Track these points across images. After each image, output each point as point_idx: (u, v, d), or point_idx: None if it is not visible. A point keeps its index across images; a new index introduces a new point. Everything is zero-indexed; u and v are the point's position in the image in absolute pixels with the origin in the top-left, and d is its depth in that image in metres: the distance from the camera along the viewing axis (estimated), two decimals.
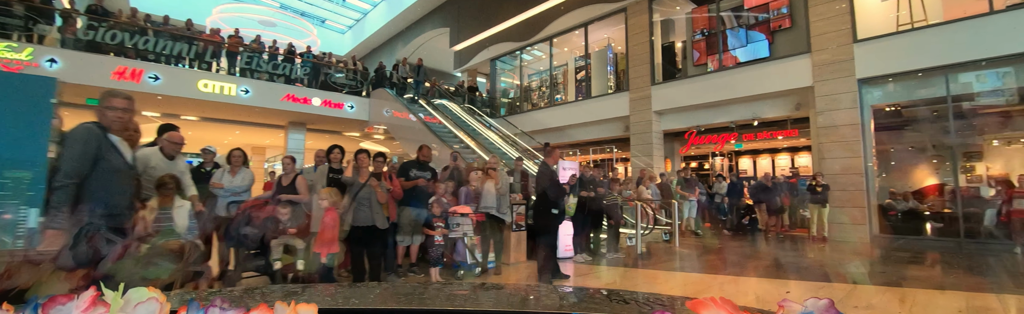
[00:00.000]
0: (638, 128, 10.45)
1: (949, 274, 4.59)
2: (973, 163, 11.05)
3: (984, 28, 6.58)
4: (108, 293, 0.45)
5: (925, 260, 5.57)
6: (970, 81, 6.98)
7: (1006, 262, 5.36)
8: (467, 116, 12.35)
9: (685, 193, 7.86)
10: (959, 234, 6.59)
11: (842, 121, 7.58)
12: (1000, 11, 6.61)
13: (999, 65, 6.68)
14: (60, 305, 0.44)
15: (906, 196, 7.68)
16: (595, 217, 5.25)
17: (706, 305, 0.43)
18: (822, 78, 7.85)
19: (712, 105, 9.53)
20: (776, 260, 5.39)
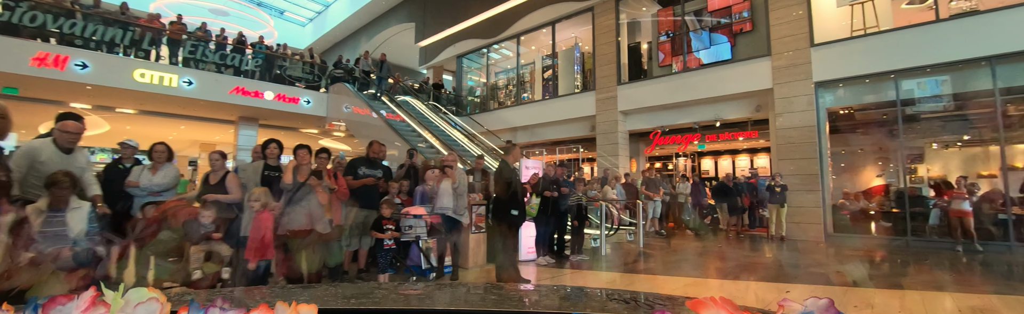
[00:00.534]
0: (604, 128, 10.41)
1: (897, 272, 4.69)
2: (916, 165, 11.69)
3: (930, 36, 6.86)
4: (108, 293, 0.46)
5: (875, 258, 5.71)
6: (922, 83, 7.27)
7: (950, 260, 5.56)
8: (431, 114, 11.98)
9: (649, 193, 7.83)
10: (907, 233, 6.84)
11: (799, 123, 7.75)
12: (944, 20, 6.90)
13: (941, 72, 6.98)
14: (60, 305, 0.44)
15: (858, 196, 7.94)
16: (559, 218, 5.07)
17: (706, 305, 0.43)
18: (781, 81, 8.00)
19: (676, 106, 9.59)
20: (737, 260, 5.38)
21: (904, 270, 4.90)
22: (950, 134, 10.17)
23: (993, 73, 6.47)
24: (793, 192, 7.44)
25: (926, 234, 6.80)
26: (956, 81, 6.98)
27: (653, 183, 7.96)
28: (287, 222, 2.99)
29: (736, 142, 10.90)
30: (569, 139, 11.84)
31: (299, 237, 3.08)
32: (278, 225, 2.99)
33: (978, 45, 6.49)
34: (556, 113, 11.51)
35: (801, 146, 7.70)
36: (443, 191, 3.74)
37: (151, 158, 3.47)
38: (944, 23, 6.83)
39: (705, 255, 5.91)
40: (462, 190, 3.76)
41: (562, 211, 5.07)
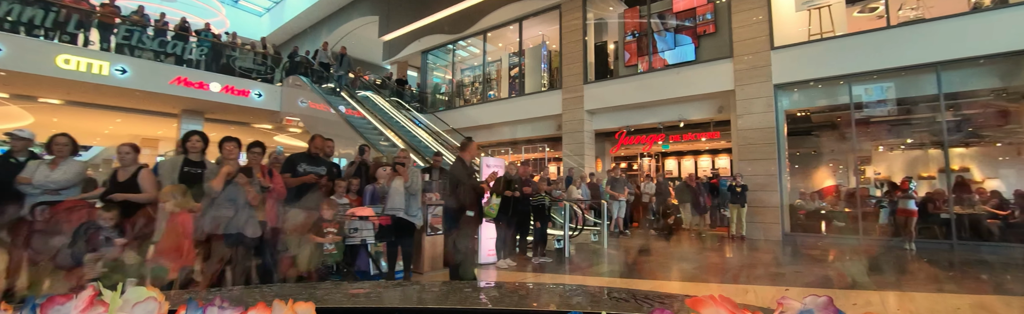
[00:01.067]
0: (570, 127, 10.30)
1: (852, 271, 4.75)
2: (864, 167, 12.25)
3: (880, 42, 7.09)
4: (106, 293, 0.45)
5: (828, 257, 5.81)
6: (870, 89, 7.52)
7: (900, 258, 5.73)
8: (394, 110, 11.54)
9: (615, 193, 7.76)
10: (858, 232, 7.05)
11: (759, 124, 7.87)
12: (894, 26, 7.16)
13: (890, 77, 7.23)
14: (58, 305, 0.43)
15: (813, 196, 8.14)
16: (521, 219, 4.86)
17: (706, 303, 0.43)
18: (742, 82, 8.11)
19: (642, 106, 9.60)
20: (699, 261, 5.33)
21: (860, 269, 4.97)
22: (895, 137, 10.69)
23: (938, 79, 6.75)
24: (753, 192, 7.54)
25: (876, 233, 7.03)
26: (905, 86, 7.25)
27: (618, 183, 7.90)
28: (210, 225, 2.62)
29: (699, 143, 11.05)
30: (535, 138, 11.69)
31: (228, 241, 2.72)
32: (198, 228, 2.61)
33: (925, 52, 6.75)
34: (522, 111, 11.32)
35: (761, 147, 7.82)
36: (394, 190, 3.43)
37: (50, 152, 3.00)
38: (894, 30, 7.07)
39: (668, 256, 5.85)
40: (415, 189, 3.47)
41: (524, 212, 4.85)
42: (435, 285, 1.08)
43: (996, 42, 6.32)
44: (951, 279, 4.23)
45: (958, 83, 6.82)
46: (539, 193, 4.99)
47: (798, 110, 8.34)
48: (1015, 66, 6.49)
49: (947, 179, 6.92)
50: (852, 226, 7.28)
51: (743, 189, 7.35)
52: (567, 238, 5.51)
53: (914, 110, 8.58)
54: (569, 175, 8.07)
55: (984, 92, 7.04)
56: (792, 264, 5.10)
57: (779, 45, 7.94)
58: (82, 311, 0.43)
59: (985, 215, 6.56)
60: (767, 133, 7.79)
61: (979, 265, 5.13)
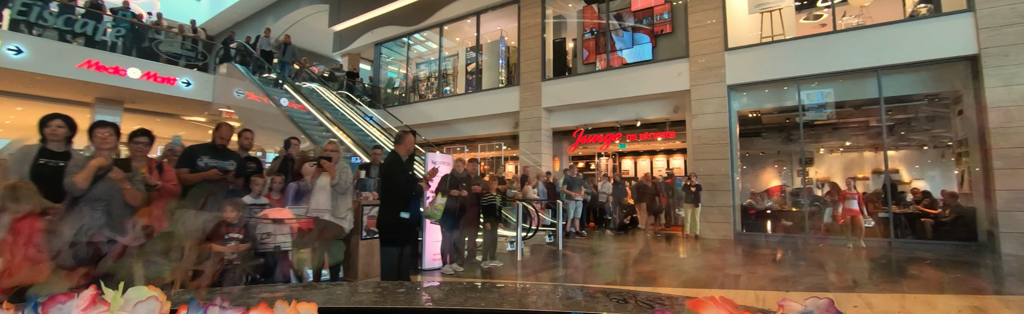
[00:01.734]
0: (527, 125, 10.04)
1: (796, 270, 4.74)
2: (807, 168, 12.78)
3: (827, 46, 7.27)
4: (108, 292, 0.46)
5: (784, 257, 5.84)
6: (812, 94, 7.72)
7: (843, 256, 5.84)
8: (342, 105, 10.84)
9: (571, 193, 7.55)
10: (805, 230, 7.19)
11: (713, 125, 7.91)
12: (840, 31, 7.37)
13: (836, 80, 7.45)
14: (60, 304, 0.44)
15: (762, 196, 8.28)
16: (470, 220, 4.49)
17: (706, 304, 0.43)
18: (698, 82, 8.13)
19: (599, 104, 9.48)
20: (656, 263, 5.18)
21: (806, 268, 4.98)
22: (837, 140, 11.18)
23: (879, 83, 6.99)
24: (707, 192, 7.55)
25: (822, 232, 7.21)
26: (849, 89, 7.49)
27: (575, 182, 7.70)
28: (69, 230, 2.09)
29: (655, 142, 11.11)
30: (492, 136, 11.36)
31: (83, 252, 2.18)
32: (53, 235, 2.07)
33: (866, 56, 6.97)
34: (479, 108, 10.95)
35: (714, 147, 7.86)
36: (319, 188, 2.97)
37: None
38: (838, 34, 7.28)
39: (624, 257, 5.67)
40: (344, 187, 3.02)
41: (473, 213, 4.50)
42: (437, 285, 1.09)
43: (930, 49, 6.61)
44: (916, 278, 4.27)
45: (897, 88, 7.10)
46: (490, 192, 4.66)
47: (750, 111, 8.48)
48: (945, 73, 6.82)
49: (888, 180, 7.17)
50: (799, 225, 7.44)
51: (698, 189, 7.34)
52: (520, 240, 5.20)
53: (854, 114, 8.95)
54: (524, 174, 7.79)
55: (919, 97, 7.38)
56: (749, 265, 5.04)
57: (733, 47, 8.01)
58: (83, 310, 0.43)
59: (919, 214, 6.85)
60: (720, 133, 7.84)
61: (942, 264, 5.28)
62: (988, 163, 6.15)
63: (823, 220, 7.17)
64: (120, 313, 0.44)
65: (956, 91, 6.87)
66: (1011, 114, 6.01)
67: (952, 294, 3.51)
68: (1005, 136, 6.02)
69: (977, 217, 6.32)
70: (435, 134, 12.19)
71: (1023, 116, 5.95)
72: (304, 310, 0.46)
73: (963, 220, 6.40)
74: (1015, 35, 6.12)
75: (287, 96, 9.94)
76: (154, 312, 0.44)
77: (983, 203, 6.23)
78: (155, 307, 0.45)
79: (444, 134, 12.05)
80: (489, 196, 4.64)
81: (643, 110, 9.12)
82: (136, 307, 0.44)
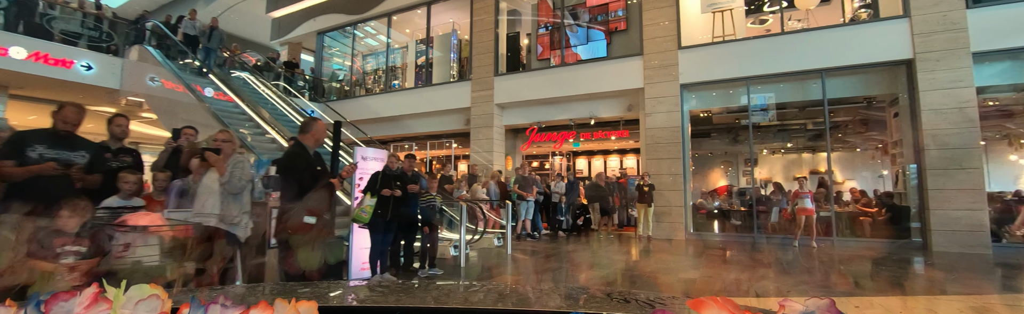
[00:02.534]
0: (479, 121, 9.59)
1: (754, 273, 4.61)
2: (752, 168, 13.16)
3: (774, 47, 7.34)
4: (110, 290, 0.46)
5: (735, 258, 5.73)
6: (756, 97, 7.76)
7: (796, 256, 5.83)
8: (277, 97, 9.91)
9: (522, 193, 7.17)
10: (754, 230, 7.21)
11: (666, 123, 7.81)
12: (788, 32, 7.47)
13: (781, 81, 7.54)
14: (62, 302, 0.44)
15: (713, 196, 8.29)
16: (406, 224, 3.98)
17: (707, 304, 0.44)
18: (651, 81, 8.01)
19: (553, 101, 9.19)
20: (612, 266, 4.89)
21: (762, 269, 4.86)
22: (780, 141, 11.55)
23: (823, 85, 7.11)
24: (659, 192, 7.42)
25: (770, 231, 7.25)
26: (795, 91, 7.60)
27: (527, 182, 7.33)
28: None
29: (609, 142, 10.99)
30: (442, 133, 10.81)
31: None
32: None
33: (811, 58, 7.08)
34: (429, 103, 10.38)
35: (667, 146, 7.76)
36: (204, 188, 2.37)
37: None
38: (787, 36, 7.37)
39: (577, 261, 5.35)
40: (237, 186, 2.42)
41: (409, 215, 3.99)
42: (438, 284, 1.09)
43: (869, 53, 6.79)
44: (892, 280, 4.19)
45: (839, 90, 7.27)
46: (429, 192, 4.17)
47: (701, 111, 8.46)
48: (883, 76, 7.05)
49: (830, 180, 7.31)
50: (748, 225, 7.46)
51: (651, 188, 7.18)
52: (464, 244, 4.74)
53: (798, 115, 9.19)
54: (473, 173, 7.34)
55: (858, 99, 7.60)
56: (711, 267, 4.84)
57: (686, 45, 7.95)
58: (86, 308, 0.44)
59: (858, 213, 7.03)
60: (673, 132, 7.75)
61: (890, 262, 5.31)
62: (921, 164, 6.38)
63: (771, 220, 7.22)
64: (122, 311, 0.44)
65: (892, 94, 7.12)
66: (943, 117, 6.25)
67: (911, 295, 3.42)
68: (936, 138, 6.25)
69: (910, 216, 6.53)
70: (382, 130, 11.47)
71: (954, 119, 6.20)
72: (304, 309, 0.47)
73: (898, 219, 6.60)
74: (945, 41, 6.37)
75: (212, 86, 8.93)
76: (156, 310, 0.45)
77: (916, 202, 6.45)
78: (156, 305, 0.45)
79: (391, 131, 11.37)
80: (428, 196, 4.15)
81: (597, 108, 8.93)
82: (137, 305, 0.45)
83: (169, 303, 0.46)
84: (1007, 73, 6.48)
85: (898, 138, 7.01)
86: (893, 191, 7.06)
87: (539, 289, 1.07)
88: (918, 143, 6.45)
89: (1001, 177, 8.55)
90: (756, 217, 7.28)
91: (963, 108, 6.20)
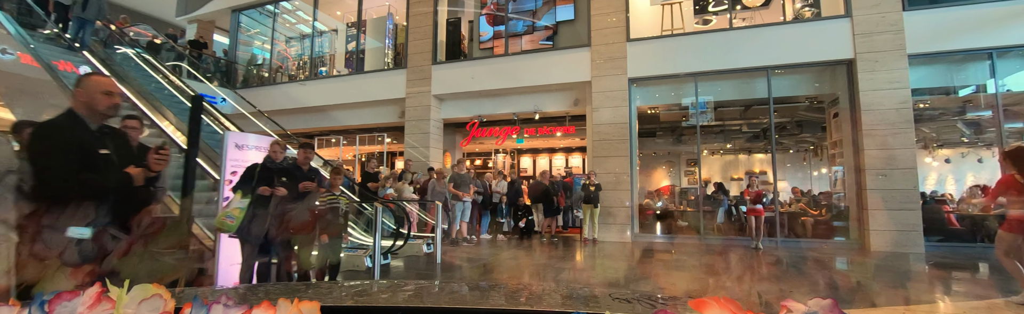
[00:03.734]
0: (415, 114, 8.72)
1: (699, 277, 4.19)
2: (693, 167, 13.25)
3: (721, 43, 7.11)
4: (113, 289, 0.47)
5: (680, 262, 5.34)
6: (691, 103, 7.53)
7: (751, 258, 5.53)
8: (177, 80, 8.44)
9: (458, 192, 6.42)
10: (701, 231, 6.93)
11: (614, 119, 7.39)
12: (737, 28, 7.29)
13: (728, 78, 7.35)
14: (66, 301, 0.44)
15: (657, 195, 7.98)
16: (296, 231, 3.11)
17: (709, 305, 0.44)
18: (599, 74, 7.56)
19: (496, 93, 8.52)
20: (553, 275, 4.27)
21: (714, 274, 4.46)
22: (722, 141, 11.64)
23: (768, 83, 6.97)
24: (605, 191, 6.96)
25: (716, 232, 7.01)
26: (742, 89, 7.44)
27: (463, 180, 6.58)
28: None
29: (554, 139, 10.50)
30: (374, 126, 9.80)
31: None
32: None
33: (758, 55, 6.91)
34: (360, 93, 9.34)
35: (614, 144, 7.33)
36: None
37: None
38: (735, 32, 7.17)
39: (516, 270, 4.69)
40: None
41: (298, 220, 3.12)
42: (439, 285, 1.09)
43: (813, 51, 6.71)
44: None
45: (783, 89, 7.17)
46: (331, 191, 3.33)
47: (649, 107, 8.13)
48: (825, 76, 7.03)
49: (775, 180, 7.18)
50: (695, 226, 7.19)
51: (597, 188, 6.70)
52: (378, 253, 3.92)
53: (740, 116, 9.17)
54: (404, 169, 6.51)
55: (801, 99, 7.58)
56: (658, 276, 4.34)
57: (635, 38, 7.57)
58: (89, 307, 0.44)
59: (800, 213, 6.95)
60: (620, 129, 7.33)
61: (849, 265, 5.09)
62: (860, 164, 6.36)
63: (718, 220, 6.98)
64: (125, 310, 0.45)
65: (833, 94, 7.11)
66: (881, 117, 6.26)
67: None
68: (875, 138, 6.25)
69: (850, 216, 6.51)
70: (305, 122, 10.27)
71: (891, 119, 6.22)
72: (306, 309, 0.47)
73: (838, 219, 6.55)
74: (884, 42, 6.40)
75: (88, 65, 7.37)
76: (158, 310, 0.45)
77: (855, 203, 6.42)
78: (160, 305, 0.46)
79: (317, 123, 10.18)
80: (330, 196, 3.31)
81: (542, 102, 8.36)
82: (140, 305, 0.45)
83: (172, 303, 0.47)
84: (924, 79, 6.62)
85: (838, 138, 7.00)
86: (832, 191, 7.06)
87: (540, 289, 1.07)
88: (857, 143, 6.44)
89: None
90: (703, 218, 7.01)
91: (900, 109, 6.24)
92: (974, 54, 6.32)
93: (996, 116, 6.23)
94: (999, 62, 6.21)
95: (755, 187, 6.34)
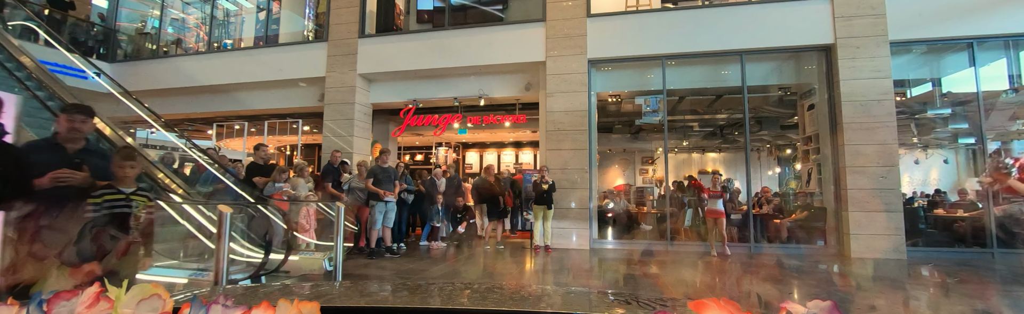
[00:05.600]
0: (336, 96, 7.26)
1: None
2: (648, 166, 12.60)
3: (692, 22, 6.27)
4: (112, 289, 0.46)
5: (644, 277, 4.36)
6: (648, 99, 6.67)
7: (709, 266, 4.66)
8: (25, 51, 6.43)
9: (378, 190, 5.08)
10: (667, 236, 6.03)
11: (571, 106, 6.36)
12: (707, 6, 6.49)
13: (698, 63, 6.54)
14: (64, 301, 0.44)
15: (618, 196, 7.04)
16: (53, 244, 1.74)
17: (708, 306, 0.43)
18: (555, 53, 6.50)
19: (434, 74, 7.25)
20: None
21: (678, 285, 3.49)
22: (686, 137, 10.98)
23: (742, 69, 6.19)
24: (560, 190, 5.91)
25: (683, 237, 6.16)
26: (714, 74, 6.65)
27: (386, 175, 5.25)
28: None
29: (503, 132, 9.37)
30: (287, 111, 8.20)
31: None
32: None
33: (732, 37, 6.13)
34: (271, 71, 7.72)
35: (571, 135, 6.30)
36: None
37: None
38: (705, 10, 6.38)
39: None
40: None
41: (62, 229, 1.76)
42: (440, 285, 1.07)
43: (790, 35, 6.02)
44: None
45: (758, 77, 6.46)
46: (116, 185, 1.97)
47: (610, 94, 7.17)
48: (802, 63, 6.38)
49: (747, 179, 6.40)
50: (661, 230, 6.29)
51: (551, 187, 5.61)
52: (226, 276, 2.57)
53: (703, 113, 8.48)
54: (299, 162, 5.12)
55: (774, 88, 6.92)
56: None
57: (596, 13, 6.58)
58: (88, 307, 0.44)
59: (771, 215, 6.24)
60: (579, 118, 6.32)
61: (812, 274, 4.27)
62: (839, 160, 5.72)
63: (684, 224, 6.13)
64: (124, 310, 0.45)
65: (807, 84, 6.47)
66: (863, 109, 5.63)
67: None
68: (856, 132, 5.62)
69: (827, 218, 5.85)
70: (205, 105, 8.49)
71: (874, 112, 5.61)
72: (306, 309, 0.47)
73: (814, 221, 5.88)
74: (865, 26, 5.79)
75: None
76: (157, 310, 0.45)
77: (833, 204, 5.77)
78: (159, 305, 0.45)
79: (218, 106, 8.43)
80: (112, 194, 1.95)
81: (489, 85, 7.19)
82: (139, 305, 0.45)
83: (171, 303, 0.46)
84: (900, 69, 6.10)
85: (813, 132, 6.36)
86: (806, 190, 6.41)
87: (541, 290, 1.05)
88: (836, 138, 5.80)
89: None
90: (669, 220, 6.12)
91: (882, 100, 5.65)
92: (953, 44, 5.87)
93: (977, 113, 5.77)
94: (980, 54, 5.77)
95: (716, 186, 5.51)
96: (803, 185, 6.69)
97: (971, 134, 7.21)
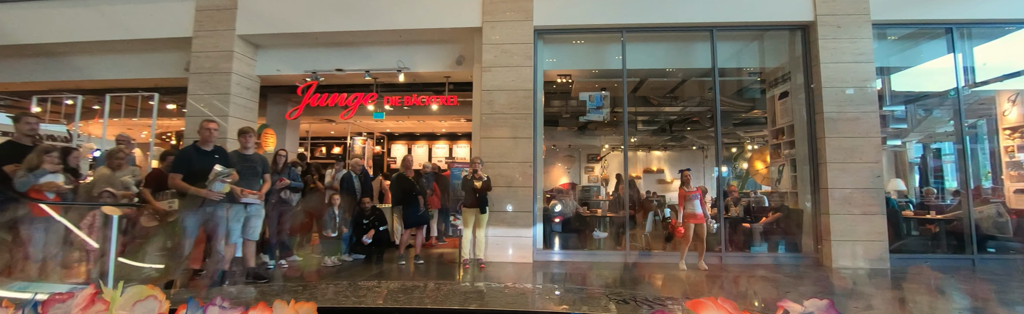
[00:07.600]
0: (205, 64, 5.48)
1: None
2: (595, 164, 11.71)
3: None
4: (107, 291, 0.45)
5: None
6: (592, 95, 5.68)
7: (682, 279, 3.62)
8: None
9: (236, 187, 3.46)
10: (624, 244, 4.93)
11: (512, 84, 5.11)
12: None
13: (663, 39, 5.56)
14: (59, 303, 0.43)
15: (567, 195, 5.89)
16: None
17: (706, 305, 0.43)
18: (493, 18, 5.22)
19: (342, 41, 5.71)
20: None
21: None
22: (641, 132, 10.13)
23: (713, 47, 5.27)
24: (497, 189, 4.63)
25: (645, 245, 5.11)
26: (680, 52, 5.70)
27: (253, 164, 3.65)
28: None
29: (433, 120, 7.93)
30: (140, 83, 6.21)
31: None
32: None
33: (702, 9, 5.19)
34: (118, 27, 5.74)
35: (512, 119, 5.05)
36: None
37: None
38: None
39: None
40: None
41: None
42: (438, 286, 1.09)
43: (767, 9, 5.18)
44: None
45: (729, 59, 5.59)
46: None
47: (559, 73, 6.00)
48: (776, 44, 5.59)
49: (719, 181, 5.49)
50: (616, 234, 5.20)
51: (485, 184, 4.31)
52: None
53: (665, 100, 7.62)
54: (120, 140, 3.43)
55: (744, 72, 6.11)
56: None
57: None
58: (83, 309, 0.43)
59: (740, 219, 5.38)
60: (522, 99, 5.08)
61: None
62: (818, 156, 4.95)
63: (646, 230, 5.09)
64: (119, 312, 0.44)
65: (780, 69, 5.70)
66: (845, 97, 4.90)
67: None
68: (836, 123, 4.88)
69: (803, 222, 5.06)
70: (23, 74, 6.30)
71: (856, 100, 4.89)
72: (303, 310, 0.46)
73: (789, 225, 5.07)
74: (848, 3, 5.08)
75: None
76: (153, 311, 0.44)
77: (810, 205, 4.99)
78: (154, 306, 0.44)
79: (47, 74, 6.28)
80: None
81: (412, 57, 5.75)
82: (135, 306, 0.44)
83: (167, 304, 0.45)
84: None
85: (785, 123, 5.58)
86: (779, 190, 5.63)
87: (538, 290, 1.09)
88: (814, 129, 5.03)
89: None
90: (629, 226, 5.03)
91: (864, 87, 4.95)
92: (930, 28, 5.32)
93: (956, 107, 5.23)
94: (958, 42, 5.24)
95: (691, 185, 4.51)
96: (775, 184, 5.93)
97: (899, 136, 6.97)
